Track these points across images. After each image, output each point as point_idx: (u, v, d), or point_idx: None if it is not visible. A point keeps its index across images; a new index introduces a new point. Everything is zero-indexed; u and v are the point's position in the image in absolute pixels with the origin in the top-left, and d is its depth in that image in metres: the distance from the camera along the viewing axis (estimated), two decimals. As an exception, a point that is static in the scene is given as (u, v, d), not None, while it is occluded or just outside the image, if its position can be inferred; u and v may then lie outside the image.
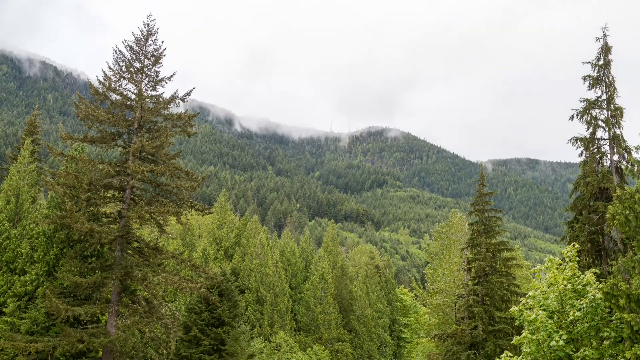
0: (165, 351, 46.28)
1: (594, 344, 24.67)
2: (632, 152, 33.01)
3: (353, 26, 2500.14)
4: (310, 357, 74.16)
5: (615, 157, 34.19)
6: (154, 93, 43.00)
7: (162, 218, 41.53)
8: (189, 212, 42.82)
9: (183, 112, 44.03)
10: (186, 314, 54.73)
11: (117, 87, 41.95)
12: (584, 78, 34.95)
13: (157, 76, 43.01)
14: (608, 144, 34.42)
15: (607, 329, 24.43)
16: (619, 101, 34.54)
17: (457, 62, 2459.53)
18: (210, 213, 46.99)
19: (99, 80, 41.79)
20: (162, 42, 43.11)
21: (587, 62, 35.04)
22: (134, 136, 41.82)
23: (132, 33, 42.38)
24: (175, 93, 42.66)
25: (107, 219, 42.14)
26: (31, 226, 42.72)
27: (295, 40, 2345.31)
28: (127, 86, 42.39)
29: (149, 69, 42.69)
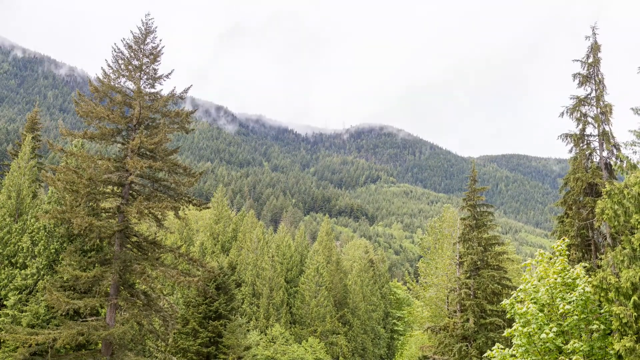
0: (163, 343, 46.92)
1: (584, 336, 24.88)
2: (621, 148, 33.36)
3: (349, 25, 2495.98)
4: (306, 349, 74.86)
5: (605, 153, 34.55)
6: (152, 90, 43.43)
7: (160, 213, 41.99)
8: (186, 207, 43.25)
9: (181, 108, 44.54)
10: (184, 307, 55.37)
11: (116, 85, 42.34)
12: (574, 76, 35.32)
13: (155, 74, 43.40)
14: (597, 140, 34.80)
15: (597, 322, 24.59)
16: (608, 98, 35.02)
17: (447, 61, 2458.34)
18: (208, 208, 47.40)
19: (98, 78, 42.21)
20: (160, 40, 43.61)
21: (577, 60, 35.58)
22: (133, 133, 42.23)
23: (131, 32, 42.81)
24: (173, 90, 43.07)
25: (107, 214, 42.58)
26: (32, 221, 43.18)
27: (292, 37, 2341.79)
28: (126, 84, 42.86)
29: (147, 67, 43.08)
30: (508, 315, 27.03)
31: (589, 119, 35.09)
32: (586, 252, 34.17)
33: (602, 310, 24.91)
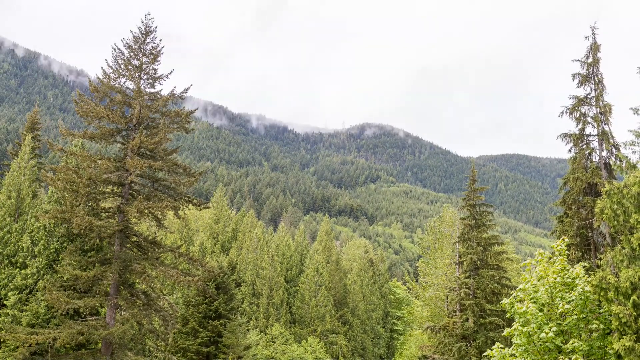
0: (163, 343, 46.95)
1: (583, 335, 24.87)
2: (621, 148, 33.33)
3: (349, 25, 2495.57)
4: (305, 348, 74.92)
5: (604, 153, 34.51)
6: (152, 90, 43.48)
7: (160, 213, 42.03)
8: (186, 206, 43.30)
9: (181, 108, 44.57)
10: (184, 306, 55.44)
11: (116, 85, 42.39)
12: (574, 75, 35.27)
13: (155, 74, 43.44)
14: (597, 140, 34.75)
15: (596, 321, 24.60)
16: (607, 98, 34.98)
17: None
18: (208, 207, 47.43)
19: (98, 78, 42.28)
20: (160, 40, 43.66)
21: (577, 60, 35.57)
22: (133, 132, 42.28)
23: (131, 31, 42.87)
24: (173, 90, 43.11)
25: (107, 214, 42.63)
26: (32, 220, 43.20)
27: (292, 37, 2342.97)
28: (126, 83, 42.92)
29: (147, 67, 43.11)
30: (508, 315, 27.00)
31: (589, 119, 35.04)
32: (585, 251, 34.13)
33: (601, 310, 24.92)
